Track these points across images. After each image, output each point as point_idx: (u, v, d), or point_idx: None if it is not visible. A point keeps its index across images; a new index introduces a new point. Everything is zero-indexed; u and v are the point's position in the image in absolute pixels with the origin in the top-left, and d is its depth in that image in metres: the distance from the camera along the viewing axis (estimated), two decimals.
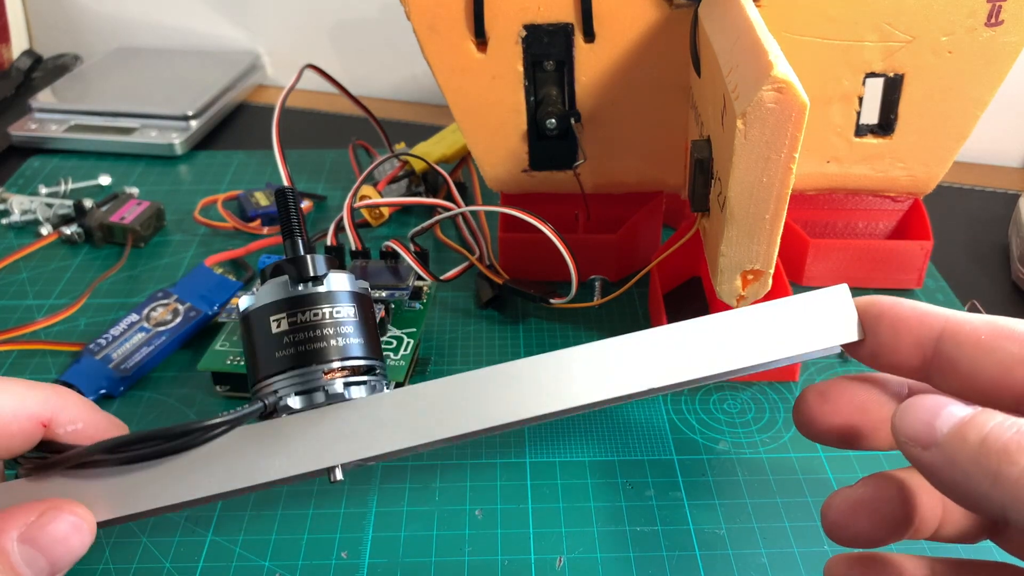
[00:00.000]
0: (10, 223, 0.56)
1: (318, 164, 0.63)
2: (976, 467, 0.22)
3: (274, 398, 0.27)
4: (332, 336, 0.28)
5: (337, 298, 0.28)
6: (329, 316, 0.28)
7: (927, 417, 0.24)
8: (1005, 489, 0.21)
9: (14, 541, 0.25)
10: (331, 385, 0.27)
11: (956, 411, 0.23)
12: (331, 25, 0.76)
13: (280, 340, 0.27)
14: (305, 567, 0.33)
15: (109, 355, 0.43)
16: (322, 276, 0.28)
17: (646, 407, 0.41)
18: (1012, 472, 0.21)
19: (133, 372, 0.42)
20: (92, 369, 0.42)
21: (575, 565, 0.33)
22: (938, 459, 0.23)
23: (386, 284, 0.44)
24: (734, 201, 0.33)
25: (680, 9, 0.40)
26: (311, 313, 0.28)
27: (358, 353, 0.28)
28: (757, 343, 0.28)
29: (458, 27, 0.41)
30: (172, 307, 0.46)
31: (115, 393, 0.42)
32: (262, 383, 0.28)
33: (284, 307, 0.28)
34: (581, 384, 0.28)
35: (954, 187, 0.60)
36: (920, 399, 0.24)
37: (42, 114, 0.67)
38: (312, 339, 0.27)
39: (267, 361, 0.28)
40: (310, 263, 0.28)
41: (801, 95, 0.30)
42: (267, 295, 0.28)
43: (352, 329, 0.28)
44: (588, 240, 0.47)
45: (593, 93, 0.43)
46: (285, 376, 0.27)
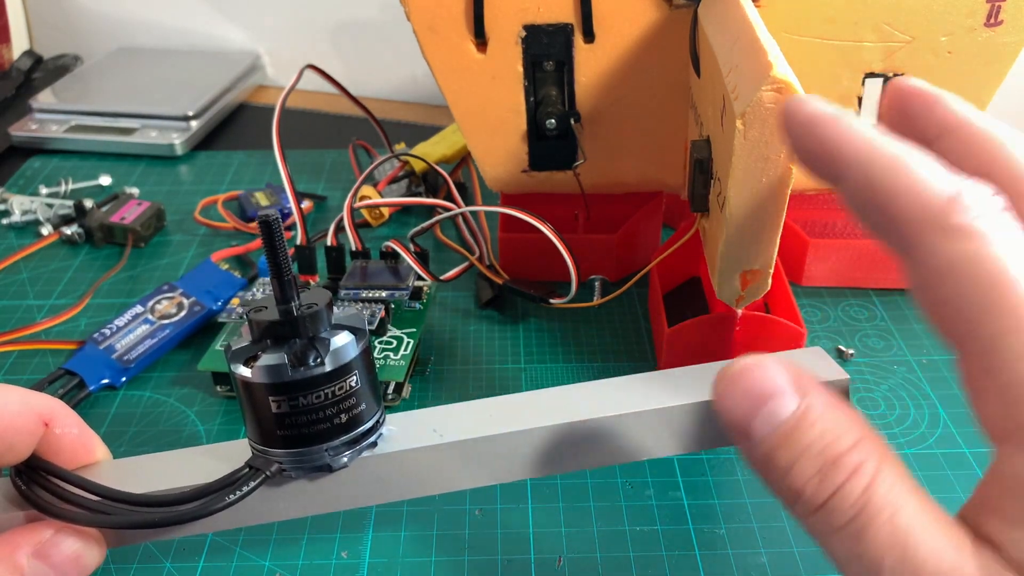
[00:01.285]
0: (10, 223, 0.56)
1: (318, 164, 0.63)
2: (784, 489, 0.22)
3: (277, 468, 0.27)
4: (335, 415, 0.27)
5: (341, 373, 0.26)
6: (332, 395, 0.26)
7: (747, 405, 0.22)
8: (806, 523, 0.22)
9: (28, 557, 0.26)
10: (335, 461, 0.27)
11: (778, 410, 0.22)
12: (331, 25, 0.76)
13: (281, 420, 0.26)
14: (305, 567, 0.33)
15: (112, 345, 0.43)
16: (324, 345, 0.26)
17: None
18: (803, 513, 0.22)
19: (136, 364, 0.42)
20: (95, 358, 0.42)
21: (575, 565, 0.33)
22: (753, 456, 0.23)
23: (386, 284, 0.44)
24: (733, 201, 0.33)
25: (680, 9, 0.40)
26: (313, 396, 0.26)
27: (360, 422, 0.27)
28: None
29: (458, 27, 0.41)
30: (177, 301, 0.46)
31: (117, 384, 0.42)
32: (262, 448, 0.27)
33: (284, 391, 0.26)
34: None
35: None
36: (747, 370, 0.22)
37: (42, 114, 0.67)
38: (315, 421, 0.26)
39: (268, 435, 0.27)
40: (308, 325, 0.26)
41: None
42: (264, 374, 0.26)
43: (355, 399, 0.27)
44: (588, 240, 0.47)
45: (593, 93, 0.43)
46: (286, 453, 0.27)
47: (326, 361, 0.26)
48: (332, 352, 0.26)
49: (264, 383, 0.26)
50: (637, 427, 0.28)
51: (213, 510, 0.26)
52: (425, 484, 0.29)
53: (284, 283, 0.26)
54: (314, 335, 0.26)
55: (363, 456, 0.28)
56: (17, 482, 0.27)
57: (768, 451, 0.22)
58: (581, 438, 0.28)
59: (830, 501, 0.21)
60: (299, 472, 0.27)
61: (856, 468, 0.21)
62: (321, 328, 0.26)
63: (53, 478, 0.27)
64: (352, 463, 0.28)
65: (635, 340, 0.45)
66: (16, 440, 0.26)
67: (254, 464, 0.27)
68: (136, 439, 0.39)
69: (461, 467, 0.28)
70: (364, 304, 0.43)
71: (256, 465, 0.27)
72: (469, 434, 0.28)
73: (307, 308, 0.26)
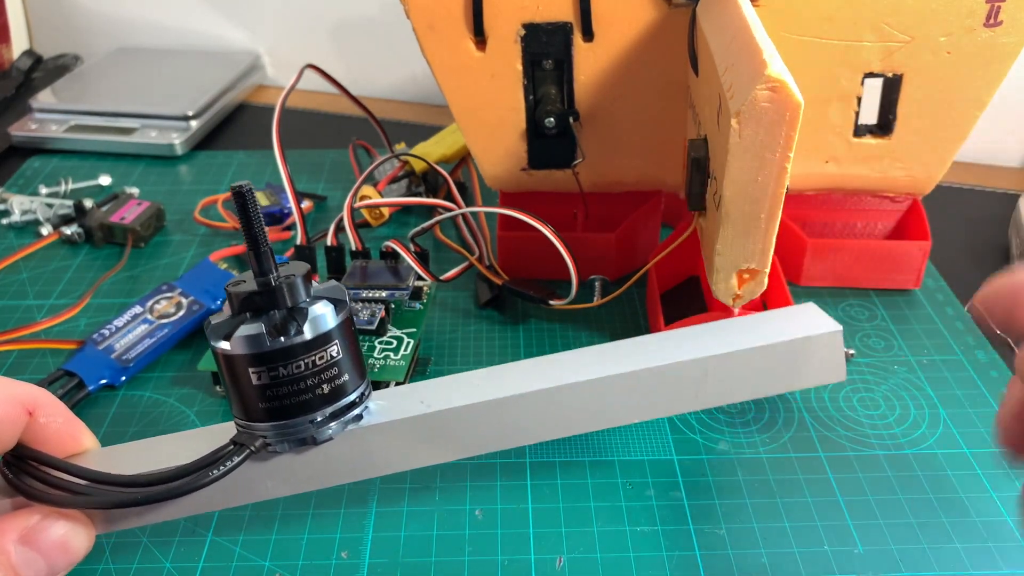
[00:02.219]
0: (10, 223, 0.56)
1: (318, 164, 0.63)
2: None
3: (261, 442, 0.27)
4: (316, 386, 0.26)
5: (320, 342, 0.26)
6: (312, 365, 0.26)
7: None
8: None
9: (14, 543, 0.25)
10: (319, 433, 0.27)
11: None
12: (331, 25, 0.76)
13: (262, 392, 0.26)
14: (305, 567, 0.33)
15: (111, 346, 0.43)
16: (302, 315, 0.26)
17: None
18: None
19: (135, 363, 0.42)
20: (94, 359, 0.42)
21: (575, 565, 0.33)
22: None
23: (386, 284, 0.44)
24: (729, 200, 0.33)
25: (678, 8, 0.40)
26: (293, 367, 0.26)
27: (343, 393, 0.27)
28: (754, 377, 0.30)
29: (457, 26, 0.41)
30: (176, 300, 0.46)
31: (116, 383, 0.42)
32: (247, 424, 0.27)
33: (262, 361, 0.25)
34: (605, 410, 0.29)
35: (953, 187, 0.60)
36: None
37: (42, 114, 0.67)
38: (296, 392, 0.26)
39: (251, 408, 0.26)
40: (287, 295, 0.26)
41: (795, 94, 0.30)
42: (242, 345, 0.25)
43: (337, 369, 0.27)
44: (587, 239, 0.47)
45: (592, 92, 0.43)
46: (270, 426, 0.27)
47: (305, 330, 0.25)
48: (311, 321, 0.26)
49: (243, 354, 0.25)
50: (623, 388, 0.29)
51: (197, 486, 0.26)
52: (413, 456, 0.29)
53: (260, 255, 0.26)
54: (293, 306, 0.26)
55: (349, 429, 0.28)
56: (4, 471, 0.27)
57: None
58: (569, 402, 0.28)
59: None
60: (284, 446, 0.27)
61: None
62: (300, 299, 0.26)
63: (38, 465, 0.27)
64: (338, 436, 0.27)
65: None
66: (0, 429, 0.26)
67: (238, 440, 0.27)
68: (136, 439, 0.39)
69: (449, 437, 0.28)
70: (364, 304, 0.43)
71: (240, 441, 0.27)
72: (456, 402, 0.28)
73: (285, 279, 0.26)
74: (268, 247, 0.26)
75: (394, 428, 0.28)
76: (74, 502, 0.26)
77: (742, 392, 0.30)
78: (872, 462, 0.38)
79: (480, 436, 0.29)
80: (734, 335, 0.30)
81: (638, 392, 0.29)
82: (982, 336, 0.45)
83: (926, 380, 0.42)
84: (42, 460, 0.27)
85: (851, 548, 0.34)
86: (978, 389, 0.41)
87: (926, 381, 0.42)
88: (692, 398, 0.30)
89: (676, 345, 0.30)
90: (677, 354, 0.29)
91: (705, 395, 0.30)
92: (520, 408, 0.28)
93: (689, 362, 0.29)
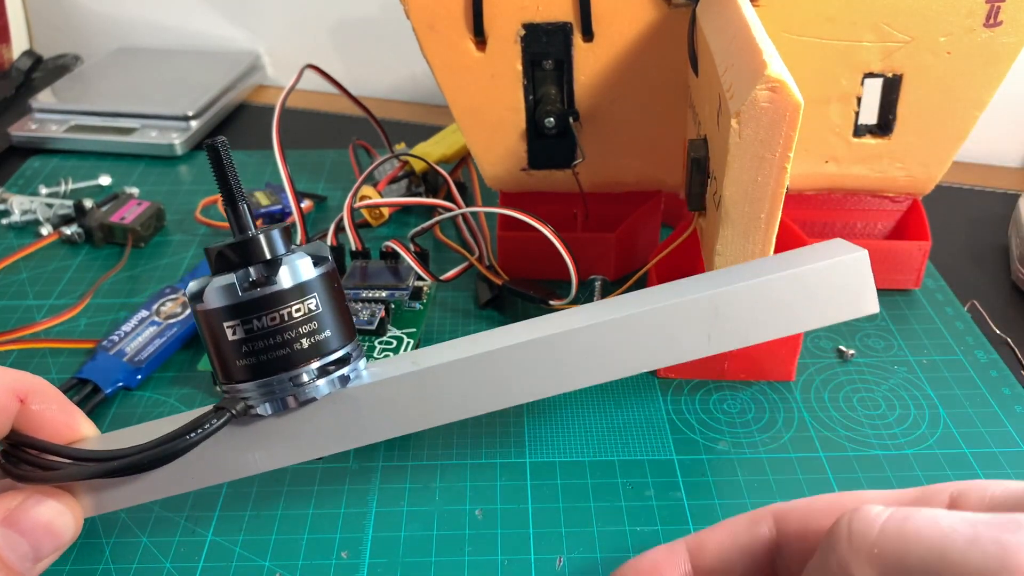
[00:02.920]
0: (10, 223, 0.56)
1: (318, 164, 0.63)
2: None
3: (243, 405, 0.26)
4: (295, 339, 0.25)
5: (296, 293, 0.25)
6: (289, 317, 0.25)
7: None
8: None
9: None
10: (301, 391, 0.26)
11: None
12: (331, 25, 0.76)
13: (239, 348, 0.25)
14: (305, 567, 0.33)
15: (123, 350, 0.43)
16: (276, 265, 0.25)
17: (646, 407, 0.41)
18: None
19: (148, 362, 0.42)
20: (107, 364, 0.42)
21: (575, 565, 0.33)
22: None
23: (386, 284, 0.44)
24: (729, 200, 0.33)
25: (678, 8, 0.40)
26: (268, 319, 0.25)
27: (327, 349, 0.26)
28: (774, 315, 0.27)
29: (457, 26, 0.41)
30: (181, 301, 0.46)
31: (132, 385, 0.42)
32: (229, 386, 0.26)
33: (236, 314, 0.25)
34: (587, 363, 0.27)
35: (953, 187, 0.60)
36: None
37: (42, 114, 0.67)
38: (274, 346, 0.25)
39: (230, 367, 0.26)
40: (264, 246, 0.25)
41: (795, 95, 0.30)
42: (216, 297, 0.25)
43: (317, 324, 0.25)
44: (587, 239, 0.47)
45: (592, 92, 0.43)
46: (251, 385, 0.26)
47: (279, 279, 0.25)
48: (286, 270, 0.25)
49: (217, 308, 0.25)
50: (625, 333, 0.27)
51: (176, 451, 0.25)
52: (405, 420, 0.27)
53: (237, 209, 0.25)
54: (272, 259, 0.25)
55: (335, 392, 0.27)
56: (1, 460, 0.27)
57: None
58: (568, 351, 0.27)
59: None
60: (266, 407, 0.26)
61: None
62: (278, 251, 0.25)
63: (29, 449, 0.27)
64: (323, 397, 0.26)
65: None
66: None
67: (220, 405, 0.26)
68: None
69: (442, 396, 0.27)
70: (364, 304, 0.43)
71: (222, 405, 0.26)
72: (446, 358, 0.27)
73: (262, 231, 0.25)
74: (245, 201, 0.25)
75: (384, 388, 0.27)
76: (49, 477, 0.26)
77: (762, 331, 0.28)
78: (872, 462, 0.38)
79: (475, 394, 0.27)
80: (748, 271, 0.28)
81: (641, 337, 0.27)
82: (982, 336, 0.45)
83: (926, 380, 0.42)
84: (34, 445, 0.27)
85: None
86: (978, 389, 0.41)
87: (926, 381, 0.42)
88: (704, 340, 0.27)
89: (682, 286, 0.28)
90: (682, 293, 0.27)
91: (720, 336, 0.27)
92: (517, 360, 0.27)
93: (695, 300, 0.27)
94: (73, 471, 0.26)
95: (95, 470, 0.26)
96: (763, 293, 0.27)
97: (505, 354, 0.27)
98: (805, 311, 0.27)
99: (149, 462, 0.25)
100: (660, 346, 0.27)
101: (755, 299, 0.27)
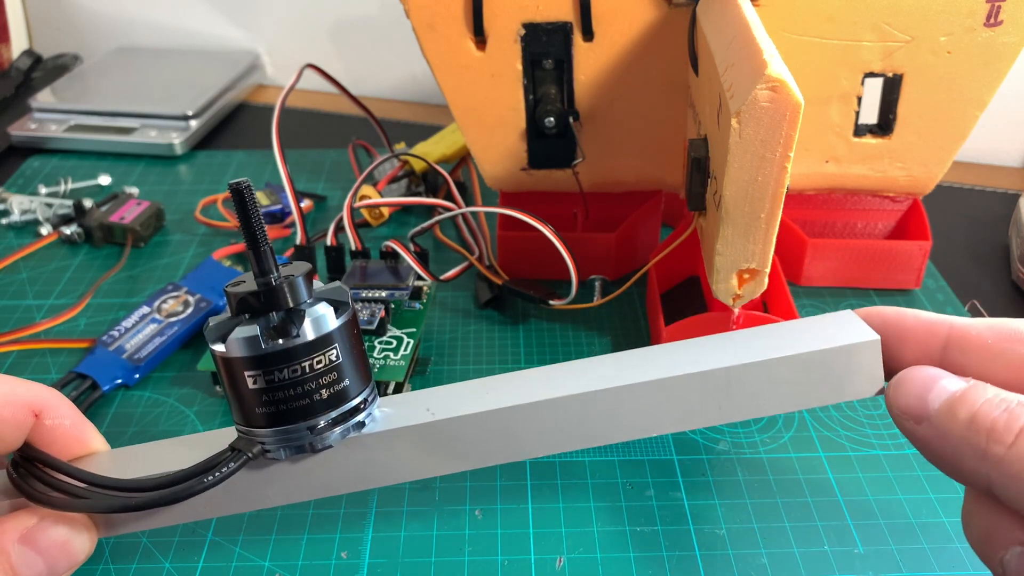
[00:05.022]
0: (10, 223, 0.56)
1: (318, 164, 0.63)
2: (965, 444, 0.22)
3: (259, 448, 0.26)
4: (315, 391, 0.25)
5: (319, 345, 0.25)
6: (310, 368, 0.25)
7: (920, 391, 0.24)
8: (991, 466, 0.22)
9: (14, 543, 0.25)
10: (318, 439, 0.26)
11: (948, 385, 0.23)
12: (331, 25, 0.76)
13: (259, 397, 0.25)
14: (305, 567, 0.33)
15: (122, 346, 0.43)
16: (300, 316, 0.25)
17: None
18: (997, 450, 0.22)
19: (147, 361, 0.42)
20: (106, 360, 0.42)
21: (575, 565, 0.33)
22: (930, 434, 0.23)
23: (386, 284, 0.44)
24: (729, 200, 0.33)
25: (678, 8, 0.40)
26: (290, 371, 0.25)
27: (344, 399, 0.26)
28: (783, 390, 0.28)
29: (457, 25, 0.41)
30: (183, 299, 0.46)
31: (130, 383, 0.42)
32: (245, 428, 0.26)
33: (258, 365, 0.25)
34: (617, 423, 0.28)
35: (954, 187, 0.60)
36: (913, 371, 0.24)
37: (42, 114, 0.67)
38: (293, 397, 0.25)
39: (248, 413, 0.26)
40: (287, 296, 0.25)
41: (795, 94, 0.30)
42: (238, 347, 0.25)
43: (337, 374, 0.26)
44: (586, 239, 0.47)
45: (592, 92, 0.43)
46: (269, 432, 0.26)
47: (302, 332, 0.25)
48: (310, 322, 0.25)
49: (239, 357, 0.25)
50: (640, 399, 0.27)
51: (192, 492, 0.25)
52: (417, 467, 0.27)
53: (260, 253, 0.25)
54: (293, 307, 0.25)
55: (350, 436, 0.27)
56: (9, 471, 0.27)
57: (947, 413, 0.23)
58: (582, 412, 0.27)
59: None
60: (282, 453, 0.26)
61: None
62: (301, 299, 0.25)
63: (42, 466, 0.27)
64: (338, 444, 0.26)
65: (635, 339, 0.45)
66: (4, 431, 0.26)
67: (237, 446, 0.26)
68: (136, 439, 0.39)
69: (456, 448, 0.27)
70: (364, 304, 0.43)
71: (238, 447, 0.26)
72: (463, 411, 0.27)
73: (285, 279, 0.25)
74: (268, 245, 0.25)
75: (398, 437, 0.27)
76: (71, 505, 0.26)
77: (771, 405, 0.28)
78: (872, 462, 0.37)
79: (489, 447, 0.27)
80: (761, 343, 0.28)
81: (656, 403, 0.27)
82: None
83: None
84: (46, 462, 0.27)
85: (851, 548, 0.34)
86: None
87: None
88: (716, 411, 0.28)
89: (697, 353, 0.28)
90: (698, 362, 0.27)
91: (730, 408, 0.28)
92: (531, 418, 0.27)
93: (711, 371, 0.27)
94: (93, 504, 0.26)
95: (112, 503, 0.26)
96: (776, 370, 0.27)
97: (521, 411, 0.27)
98: (817, 389, 0.28)
99: (166, 500, 0.26)
100: (674, 413, 0.28)
101: (768, 375, 0.28)
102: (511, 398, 0.27)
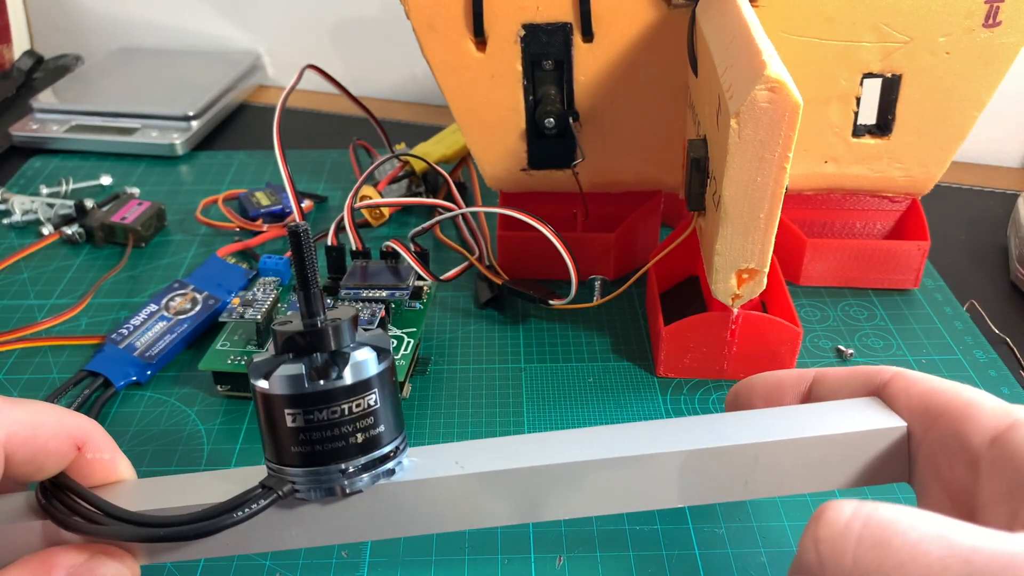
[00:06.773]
0: (11, 223, 0.56)
1: (318, 164, 0.63)
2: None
3: (290, 488, 0.26)
4: (351, 434, 0.26)
5: (359, 389, 0.26)
6: (349, 411, 0.26)
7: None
8: None
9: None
10: (349, 484, 0.26)
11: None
12: (331, 25, 0.76)
13: (295, 436, 0.26)
14: (305, 567, 0.33)
15: (132, 344, 0.43)
16: (344, 360, 0.25)
17: (646, 406, 0.41)
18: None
19: (159, 358, 0.43)
20: (118, 358, 0.42)
21: (575, 565, 0.33)
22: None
23: (386, 284, 0.44)
24: (728, 200, 0.33)
25: (678, 9, 0.40)
26: (329, 412, 0.25)
27: (378, 445, 0.26)
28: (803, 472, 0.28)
29: (457, 26, 0.42)
30: (190, 296, 0.46)
31: (143, 380, 0.42)
32: (277, 467, 0.27)
33: (299, 403, 0.25)
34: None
35: (953, 187, 0.60)
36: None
37: (43, 114, 0.67)
38: (329, 439, 0.26)
39: (282, 451, 0.26)
40: (332, 338, 0.25)
41: (794, 95, 0.30)
42: (281, 384, 0.25)
43: (373, 419, 0.26)
44: (586, 239, 0.47)
45: (591, 92, 0.43)
46: (301, 472, 0.26)
47: (345, 375, 0.25)
48: (352, 366, 0.25)
49: (281, 394, 0.25)
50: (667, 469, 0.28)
51: (221, 527, 0.26)
52: (444, 519, 0.28)
53: (311, 296, 0.26)
54: (336, 349, 0.26)
55: (379, 484, 0.27)
56: (39, 496, 0.27)
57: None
58: (610, 477, 0.28)
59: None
60: (312, 494, 0.27)
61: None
62: (344, 343, 0.26)
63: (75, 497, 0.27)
64: (367, 489, 0.27)
65: (635, 339, 0.45)
66: (47, 462, 0.26)
67: (267, 484, 0.27)
68: (136, 439, 0.39)
69: (482, 502, 0.27)
70: (364, 304, 0.43)
71: (269, 484, 0.26)
72: (492, 466, 0.27)
73: (331, 322, 0.26)
74: (319, 288, 0.26)
75: (426, 487, 0.27)
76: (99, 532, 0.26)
77: (796, 484, 0.28)
78: None
79: (513, 504, 0.28)
80: (790, 421, 0.28)
81: (685, 474, 0.28)
82: (981, 336, 0.45)
83: None
84: (78, 493, 0.27)
85: None
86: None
87: None
88: (741, 486, 0.28)
89: (727, 427, 0.28)
90: (727, 437, 0.28)
91: (755, 484, 0.28)
92: (558, 479, 0.27)
93: (739, 447, 0.27)
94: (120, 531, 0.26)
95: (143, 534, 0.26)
96: (803, 449, 0.28)
97: (549, 472, 0.27)
98: (841, 471, 0.28)
99: (194, 534, 0.26)
100: (701, 485, 0.28)
101: (798, 453, 0.28)
102: (541, 457, 0.28)
